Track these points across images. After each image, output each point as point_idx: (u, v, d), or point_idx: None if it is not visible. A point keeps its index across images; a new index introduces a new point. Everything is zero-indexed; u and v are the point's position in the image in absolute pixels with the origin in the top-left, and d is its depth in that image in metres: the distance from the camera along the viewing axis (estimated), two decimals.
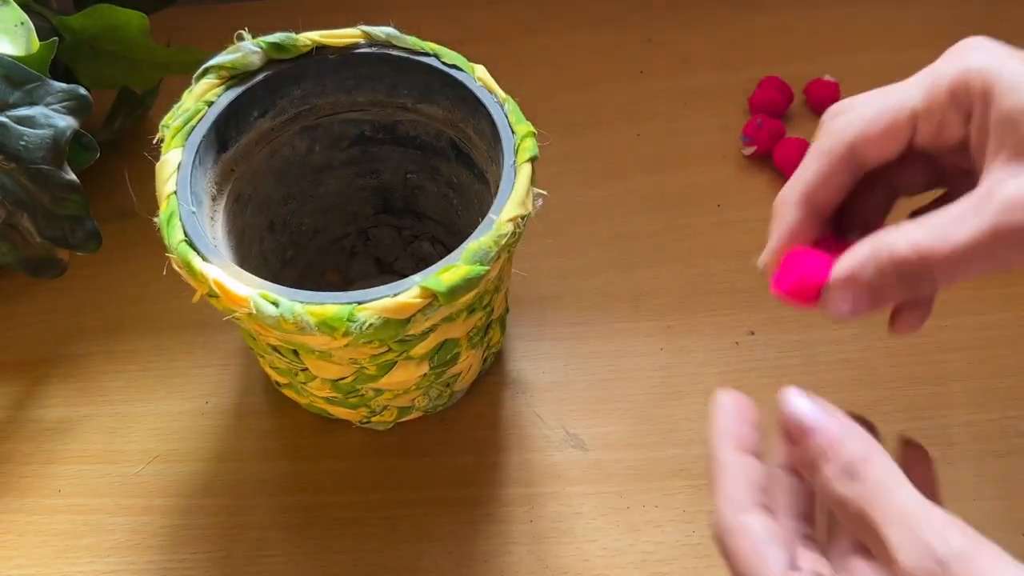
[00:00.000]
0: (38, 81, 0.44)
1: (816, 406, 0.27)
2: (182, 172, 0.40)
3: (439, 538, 0.45)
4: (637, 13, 0.67)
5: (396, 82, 0.46)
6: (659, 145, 0.60)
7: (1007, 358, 0.49)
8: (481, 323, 0.44)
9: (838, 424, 0.26)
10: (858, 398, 0.48)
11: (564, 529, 0.45)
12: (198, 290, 0.38)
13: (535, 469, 0.47)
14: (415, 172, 0.50)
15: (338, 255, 0.54)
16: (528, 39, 0.66)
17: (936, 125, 0.27)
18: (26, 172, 0.44)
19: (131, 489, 0.47)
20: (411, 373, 0.42)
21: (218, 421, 0.49)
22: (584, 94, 0.63)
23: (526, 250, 0.53)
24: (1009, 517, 0.44)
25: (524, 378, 0.50)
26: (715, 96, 0.62)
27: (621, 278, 0.54)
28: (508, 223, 0.38)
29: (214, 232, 0.42)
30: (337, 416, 0.47)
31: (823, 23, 0.66)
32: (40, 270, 0.49)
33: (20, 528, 0.46)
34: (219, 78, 0.43)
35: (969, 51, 0.27)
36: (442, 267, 0.37)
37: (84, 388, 0.51)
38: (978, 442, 0.46)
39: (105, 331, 0.53)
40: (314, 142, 0.48)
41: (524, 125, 0.41)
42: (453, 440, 0.48)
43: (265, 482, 0.47)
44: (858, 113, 0.28)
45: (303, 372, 0.43)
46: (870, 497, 0.24)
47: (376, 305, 0.36)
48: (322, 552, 0.44)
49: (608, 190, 0.57)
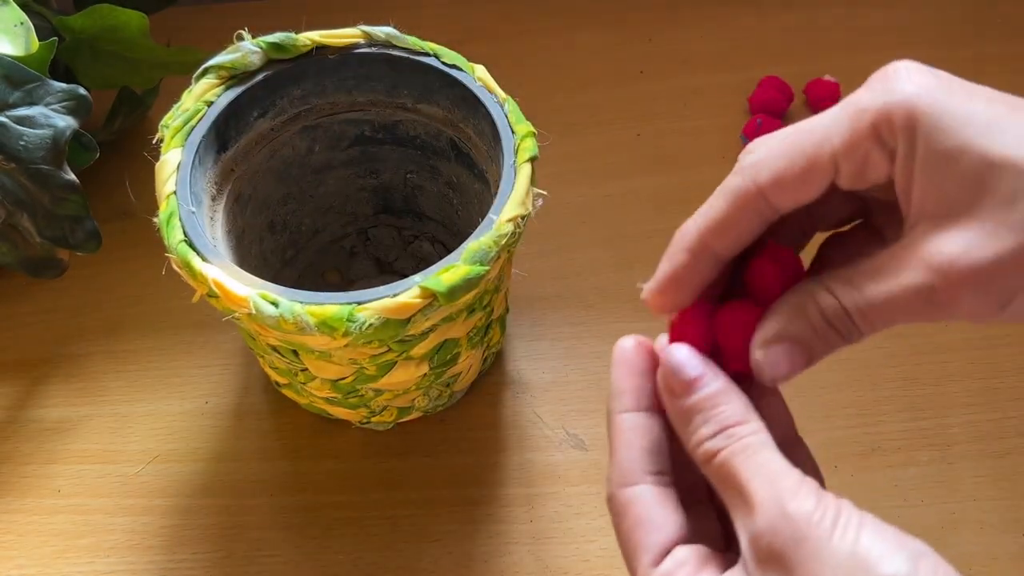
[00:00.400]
0: (38, 81, 0.44)
1: (702, 362, 0.26)
2: (182, 172, 0.40)
3: (439, 538, 0.45)
4: (637, 13, 0.67)
5: (396, 82, 0.46)
6: (659, 145, 0.60)
7: (1007, 358, 0.49)
8: (481, 323, 0.44)
9: (719, 385, 0.25)
10: (858, 398, 0.48)
11: (564, 529, 0.45)
12: (198, 290, 0.38)
13: (535, 469, 0.47)
14: (415, 172, 0.50)
15: (338, 255, 0.54)
16: (528, 39, 0.66)
17: (858, 165, 0.24)
18: (26, 172, 0.44)
19: (131, 489, 0.47)
20: (411, 373, 0.42)
21: (218, 421, 0.49)
22: (584, 94, 0.62)
23: (526, 250, 0.53)
24: (1009, 517, 0.44)
25: (524, 378, 0.50)
26: (715, 96, 0.62)
27: (621, 278, 0.54)
28: (508, 223, 0.38)
29: (214, 232, 0.42)
30: (337, 416, 0.47)
31: (823, 23, 0.66)
32: (40, 270, 0.49)
33: (20, 528, 0.46)
34: (219, 78, 0.43)
35: (894, 80, 0.24)
36: (442, 267, 0.37)
37: (84, 388, 0.50)
38: (978, 442, 0.46)
39: (105, 331, 0.53)
40: (314, 142, 0.48)
41: (524, 125, 0.41)
42: (453, 440, 0.48)
43: (265, 482, 0.47)
44: (772, 153, 0.25)
45: (303, 372, 0.43)
46: (739, 453, 0.24)
47: (376, 305, 0.36)
48: (322, 552, 0.44)
49: (608, 190, 0.57)
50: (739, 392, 0.26)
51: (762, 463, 0.24)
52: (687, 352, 0.26)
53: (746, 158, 0.25)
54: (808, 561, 0.22)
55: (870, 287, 0.24)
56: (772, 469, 0.24)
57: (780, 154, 0.25)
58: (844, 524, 0.22)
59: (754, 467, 0.24)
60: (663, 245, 0.26)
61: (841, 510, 0.22)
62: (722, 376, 0.26)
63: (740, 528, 0.24)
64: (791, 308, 0.25)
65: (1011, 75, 0.60)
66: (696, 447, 0.25)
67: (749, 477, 0.24)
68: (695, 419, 0.25)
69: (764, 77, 0.61)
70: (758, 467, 0.24)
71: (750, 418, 0.25)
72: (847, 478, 0.45)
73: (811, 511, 0.22)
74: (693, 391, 0.25)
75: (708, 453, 0.25)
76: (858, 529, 0.22)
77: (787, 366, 0.25)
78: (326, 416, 0.48)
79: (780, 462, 0.24)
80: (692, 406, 0.25)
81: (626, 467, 0.26)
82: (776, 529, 0.22)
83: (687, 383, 0.26)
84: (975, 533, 0.44)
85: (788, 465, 0.24)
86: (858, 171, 0.24)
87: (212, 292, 0.37)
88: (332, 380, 0.42)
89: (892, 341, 0.50)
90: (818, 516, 0.22)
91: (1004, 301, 0.23)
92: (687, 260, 0.26)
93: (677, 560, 0.25)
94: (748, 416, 0.25)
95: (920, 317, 0.23)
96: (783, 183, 0.24)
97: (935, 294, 0.23)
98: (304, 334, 0.36)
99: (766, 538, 0.22)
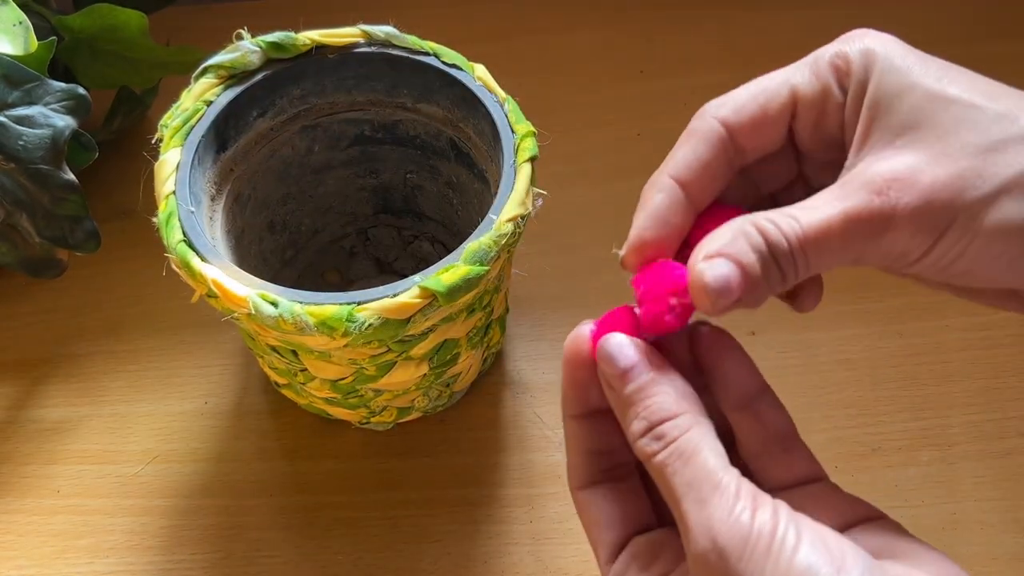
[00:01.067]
0: (37, 81, 0.44)
1: (636, 351, 0.25)
2: (181, 172, 0.40)
3: (439, 539, 0.45)
4: (637, 13, 0.67)
5: (396, 82, 0.46)
6: (659, 145, 0.59)
7: (1007, 358, 0.49)
8: (481, 323, 0.44)
9: (652, 374, 0.24)
10: (858, 398, 0.48)
11: (564, 530, 0.45)
12: (197, 290, 0.38)
13: (535, 469, 0.47)
14: (415, 172, 0.50)
15: (338, 255, 0.54)
16: (528, 39, 0.66)
17: (816, 109, 0.25)
18: (25, 172, 0.44)
19: (130, 489, 0.47)
20: (411, 373, 0.42)
21: (217, 422, 0.49)
22: (584, 94, 0.62)
23: (526, 250, 0.53)
24: (1009, 517, 0.44)
25: (524, 378, 0.50)
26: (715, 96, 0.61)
27: (621, 278, 0.53)
28: (508, 223, 0.38)
29: (213, 232, 0.42)
30: (336, 417, 0.47)
31: (823, 23, 0.66)
32: (40, 270, 0.49)
33: (19, 528, 0.46)
34: (218, 78, 0.43)
35: (860, 37, 0.26)
36: (442, 267, 0.37)
37: (84, 388, 0.50)
38: (978, 442, 0.46)
39: (105, 331, 0.53)
40: (313, 142, 0.48)
41: (524, 125, 0.41)
42: (453, 440, 0.48)
43: (264, 482, 0.47)
44: (736, 95, 0.26)
45: (302, 372, 0.42)
46: (672, 461, 0.23)
47: (376, 305, 0.36)
48: (321, 552, 0.44)
49: (608, 190, 0.57)
50: (673, 378, 0.25)
51: (694, 474, 0.23)
52: (619, 340, 0.25)
53: (709, 104, 0.26)
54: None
55: (810, 214, 0.23)
56: (703, 482, 0.22)
57: (744, 95, 0.26)
58: (779, 544, 0.21)
59: (685, 482, 0.23)
60: None
61: (777, 525, 0.21)
62: (656, 364, 0.25)
63: (682, 538, 0.23)
64: (732, 230, 0.24)
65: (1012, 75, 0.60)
66: (633, 444, 0.24)
67: (681, 495, 0.22)
68: (628, 413, 0.24)
69: None
70: (689, 482, 0.22)
71: (682, 408, 0.24)
72: (847, 478, 0.45)
73: (744, 535, 0.21)
74: (626, 382, 0.25)
75: (644, 454, 0.24)
76: (794, 547, 0.21)
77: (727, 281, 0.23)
78: (326, 416, 0.48)
79: (713, 465, 0.23)
80: (626, 398, 0.25)
81: (578, 471, 0.27)
82: (708, 561, 0.22)
83: (620, 374, 0.25)
84: (976, 533, 0.44)
85: (722, 468, 0.23)
86: (816, 117, 0.25)
87: (211, 292, 0.37)
88: (332, 380, 0.42)
89: (892, 341, 0.50)
90: (754, 538, 0.21)
91: (939, 228, 0.23)
92: (662, 201, 0.26)
93: (630, 554, 0.25)
94: (680, 407, 0.24)
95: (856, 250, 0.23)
96: (748, 123, 0.25)
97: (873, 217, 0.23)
98: (304, 334, 0.36)
99: (700, 566, 0.22)
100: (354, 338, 0.36)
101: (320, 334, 0.36)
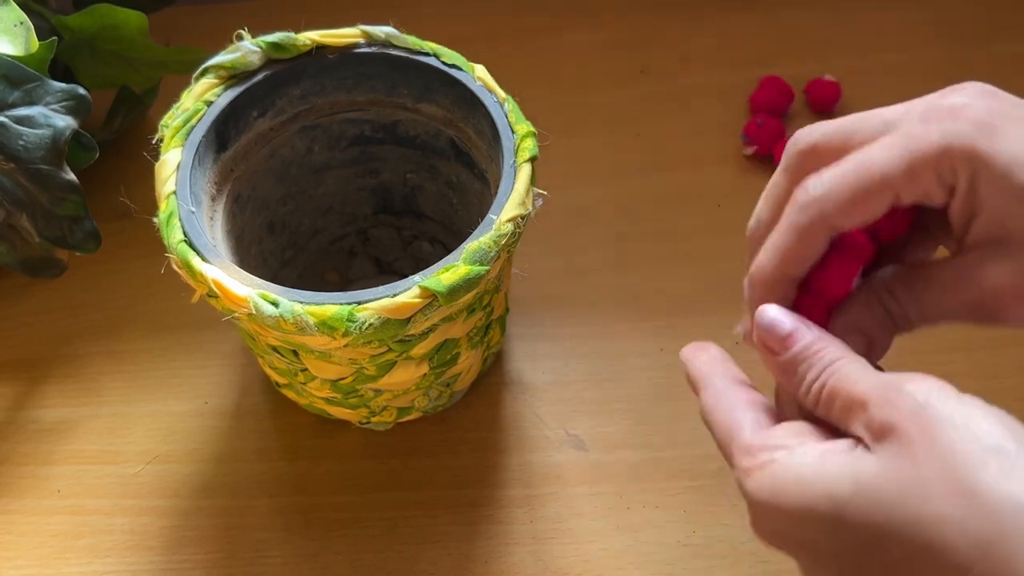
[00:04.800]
0: (37, 81, 0.44)
1: (793, 317, 0.28)
2: (181, 172, 0.40)
3: (439, 539, 0.45)
4: (637, 13, 0.67)
5: (396, 82, 0.46)
6: (659, 145, 0.60)
7: (1007, 358, 0.49)
8: (481, 323, 0.44)
9: (816, 332, 0.28)
10: None
11: (564, 530, 0.45)
12: (197, 290, 0.38)
13: (535, 470, 0.47)
14: (415, 172, 0.50)
15: (337, 255, 0.54)
16: (528, 39, 0.66)
17: (918, 198, 0.27)
18: (25, 172, 0.44)
19: (130, 490, 0.47)
20: (411, 373, 0.42)
21: (217, 422, 0.49)
22: (584, 94, 0.62)
23: (526, 250, 0.53)
24: None
25: (524, 378, 0.50)
26: (715, 96, 0.62)
27: (621, 278, 0.54)
28: (508, 223, 0.38)
29: (213, 232, 0.42)
30: (337, 417, 0.47)
31: (823, 23, 0.66)
32: (39, 270, 0.49)
33: (19, 529, 0.46)
34: (218, 78, 0.43)
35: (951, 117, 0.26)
36: (442, 267, 0.37)
37: (83, 388, 0.50)
38: None
39: (105, 331, 0.53)
40: (313, 142, 0.48)
41: (524, 125, 0.41)
42: (453, 440, 0.48)
43: (264, 483, 0.47)
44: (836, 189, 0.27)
45: (303, 372, 0.42)
46: (845, 375, 0.26)
47: (376, 305, 0.36)
48: (321, 553, 0.44)
49: (608, 190, 0.57)
50: (832, 336, 0.28)
51: (868, 371, 0.26)
52: (776, 310, 0.28)
53: (806, 194, 0.27)
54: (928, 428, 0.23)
55: (929, 297, 0.28)
56: (879, 375, 0.26)
57: (843, 189, 0.27)
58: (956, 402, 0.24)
59: (859, 376, 0.26)
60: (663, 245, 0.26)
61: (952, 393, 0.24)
62: (813, 325, 0.28)
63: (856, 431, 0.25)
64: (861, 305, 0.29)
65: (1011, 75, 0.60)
66: (806, 392, 0.27)
67: (857, 379, 0.25)
68: (799, 368, 0.27)
69: (764, 77, 0.61)
70: (863, 374, 0.26)
71: (849, 354, 0.27)
72: None
73: (926, 390, 0.24)
74: (791, 344, 0.27)
75: (817, 390, 0.26)
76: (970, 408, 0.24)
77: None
78: (326, 416, 0.48)
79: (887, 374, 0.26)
80: (793, 358, 0.27)
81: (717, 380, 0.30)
82: (893, 403, 0.24)
83: (782, 338, 0.27)
84: None
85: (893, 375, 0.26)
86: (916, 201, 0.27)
87: (212, 292, 0.37)
88: (332, 380, 0.42)
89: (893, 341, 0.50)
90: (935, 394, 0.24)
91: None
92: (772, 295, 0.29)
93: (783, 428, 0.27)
94: (847, 353, 0.27)
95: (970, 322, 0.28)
96: (847, 215, 0.27)
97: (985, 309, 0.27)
98: (304, 334, 0.36)
99: (882, 414, 0.24)
100: (354, 338, 0.36)
101: (321, 334, 0.36)
